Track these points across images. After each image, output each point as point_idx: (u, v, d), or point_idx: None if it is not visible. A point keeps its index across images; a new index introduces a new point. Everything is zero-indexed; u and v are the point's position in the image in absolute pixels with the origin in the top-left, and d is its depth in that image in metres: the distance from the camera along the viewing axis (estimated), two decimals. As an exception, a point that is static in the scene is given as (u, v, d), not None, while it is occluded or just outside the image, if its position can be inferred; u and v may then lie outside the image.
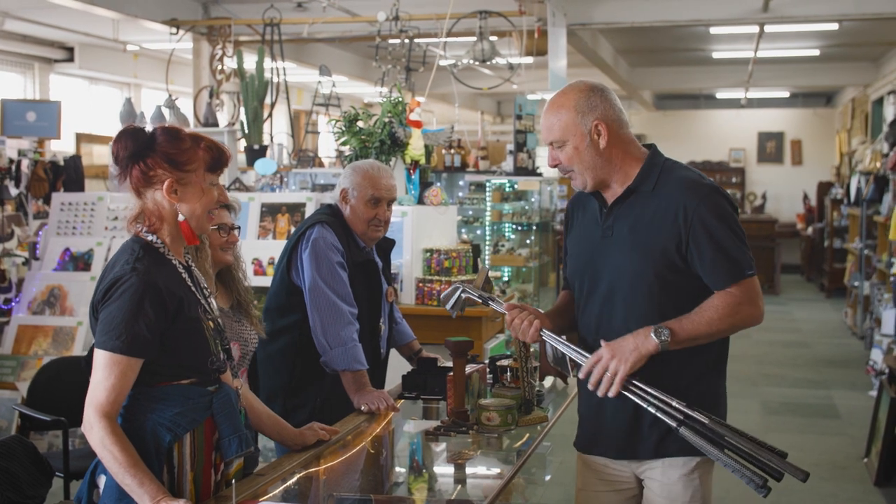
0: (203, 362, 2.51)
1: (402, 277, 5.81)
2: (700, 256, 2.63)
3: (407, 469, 3.17)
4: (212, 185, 2.54)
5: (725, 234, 2.62)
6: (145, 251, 2.47)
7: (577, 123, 2.69)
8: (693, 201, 2.63)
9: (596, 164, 2.72)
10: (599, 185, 2.77)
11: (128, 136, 2.49)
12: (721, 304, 2.61)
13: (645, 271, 2.67)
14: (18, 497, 3.24)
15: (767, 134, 19.62)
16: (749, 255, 2.64)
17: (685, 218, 2.62)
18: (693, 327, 2.60)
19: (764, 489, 2.47)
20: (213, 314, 2.60)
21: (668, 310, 2.65)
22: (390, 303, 3.94)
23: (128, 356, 2.36)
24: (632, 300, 2.69)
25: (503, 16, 8.26)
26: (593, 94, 2.72)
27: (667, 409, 2.57)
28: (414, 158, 5.86)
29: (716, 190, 2.67)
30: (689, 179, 2.70)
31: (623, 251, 2.71)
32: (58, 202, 6.70)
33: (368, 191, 3.70)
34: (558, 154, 2.75)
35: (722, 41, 12.84)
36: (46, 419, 4.24)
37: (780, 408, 7.91)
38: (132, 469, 2.31)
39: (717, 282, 2.63)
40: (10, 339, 6.32)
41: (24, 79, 12.39)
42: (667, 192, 2.68)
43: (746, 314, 2.63)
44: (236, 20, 9.31)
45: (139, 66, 13.33)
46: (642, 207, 2.70)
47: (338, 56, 12.68)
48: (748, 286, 2.62)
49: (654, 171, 2.73)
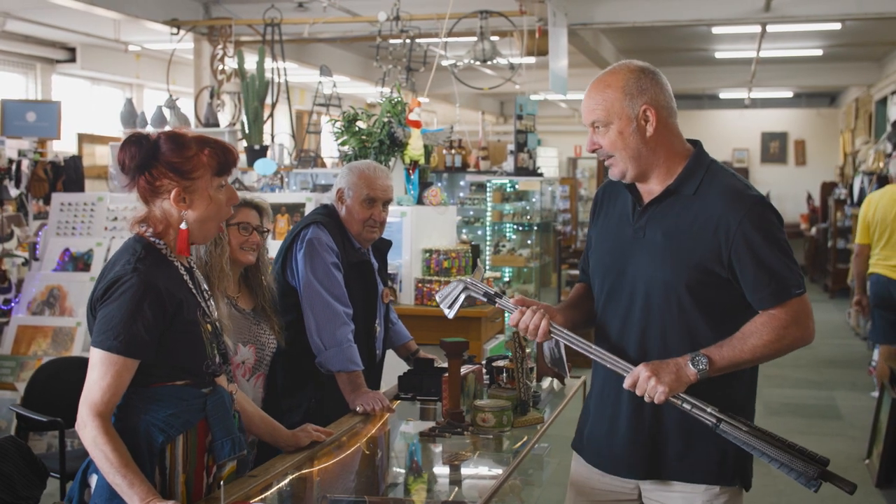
0: (198, 365, 2.50)
1: (401, 278, 5.80)
2: (742, 274, 2.43)
3: (401, 470, 3.16)
4: (221, 187, 2.53)
5: (770, 251, 2.42)
6: (147, 251, 2.47)
7: (624, 105, 2.46)
8: (737, 214, 2.42)
9: (640, 152, 2.49)
10: (639, 177, 2.55)
11: (132, 145, 2.48)
12: (765, 329, 2.40)
13: (676, 282, 2.47)
14: (12, 498, 3.23)
15: (771, 134, 19.60)
16: (797, 273, 2.44)
17: (727, 232, 2.42)
18: (734, 354, 2.41)
19: (816, 483, 2.32)
20: (211, 317, 2.59)
21: (697, 324, 2.47)
22: (386, 304, 3.92)
23: (125, 356, 2.36)
24: (658, 310, 2.50)
25: (504, 15, 8.25)
26: (644, 75, 2.50)
27: (701, 414, 2.40)
28: (413, 158, 5.85)
29: (761, 202, 2.46)
30: (734, 189, 2.48)
31: (654, 257, 2.50)
32: (57, 202, 6.70)
33: (364, 191, 3.68)
34: (599, 137, 2.52)
35: (724, 41, 12.82)
36: (43, 420, 4.23)
37: (781, 408, 7.89)
38: (123, 469, 2.30)
39: (761, 302, 2.43)
40: (9, 340, 6.32)
41: (27, 79, 12.40)
42: (709, 200, 2.46)
43: (794, 337, 2.43)
44: (237, 20, 9.31)
45: (141, 67, 13.34)
46: (680, 212, 2.49)
47: (340, 56, 12.68)
48: (795, 307, 2.42)
49: (697, 173, 2.51)
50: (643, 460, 2.56)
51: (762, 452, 2.36)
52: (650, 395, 2.39)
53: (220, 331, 2.63)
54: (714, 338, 2.45)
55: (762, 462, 2.48)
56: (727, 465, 2.53)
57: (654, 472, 2.56)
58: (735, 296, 2.47)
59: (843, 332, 11.80)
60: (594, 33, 10.84)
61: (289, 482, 2.76)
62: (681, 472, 2.54)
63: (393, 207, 5.79)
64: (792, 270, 2.43)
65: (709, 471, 2.51)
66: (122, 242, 2.60)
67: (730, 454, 2.51)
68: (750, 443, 2.37)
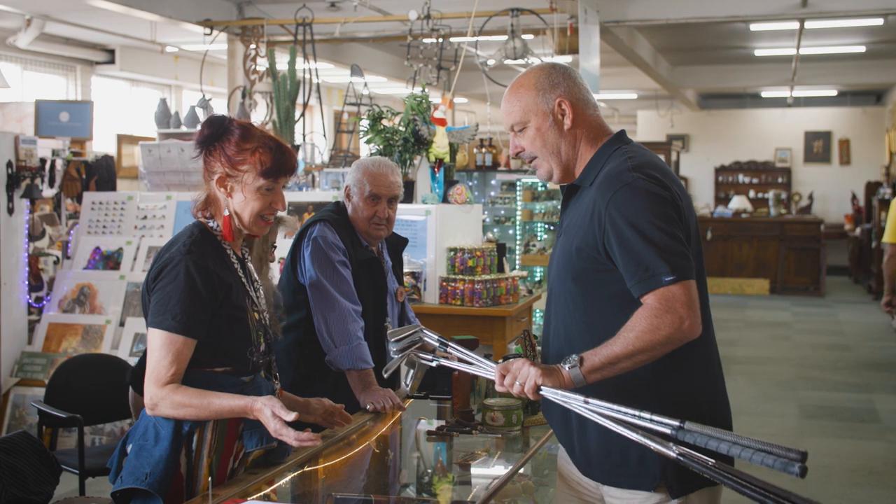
0: (243, 351, 2.56)
1: (425, 277, 5.77)
2: (616, 262, 2.29)
3: (409, 469, 3.13)
4: (267, 190, 2.57)
5: (635, 236, 2.24)
6: (203, 235, 2.56)
7: (538, 102, 2.43)
8: (604, 198, 2.30)
9: (560, 147, 2.45)
10: (566, 175, 2.50)
11: (208, 124, 2.60)
12: (638, 320, 2.22)
13: (565, 275, 2.41)
14: (24, 493, 3.25)
15: (814, 133, 19.27)
16: (671, 260, 2.22)
17: (599, 217, 2.31)
18: (607, 350, 2.23)
19: (798, 465, 1.91)
20: (259, 307, 2.65)
21: (595, 317, 2.36)
22: (401, 303, 3.90)
23: (183, 336, 2.43)
24: (558, 306, 2.46)
25: (534, 13, 8.18)
26: (555, 71, 2.46)
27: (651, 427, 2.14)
28: (438, 156, 5.82)
29: (631, 183, 2.29)
30: (608, 173, 2.36)
31: (556, 253, 2.49)
32: (89, 202, 6.78)
33: (367, 187, 3.66)
34: (520, 140, 2.48)
35: (763, 38, 12.64)
36: (62, 416, 4.26)
37: (818, 412, 7.73)
38: (216, 401, 2.43)
39: (633, 290, 2.26)
40: (40, 337, 6.40)
41: (67, 81, 12.58)
42: (594, 188, 2.38)
43: (670, 328, 2.20)
44: (269, 20, 9.35)
45: (180, 68, 13.48)
46: (579, 205, 2.43)
47: (375, 56, 12.70)
48: (667, 294, 2.20)
49: (598, 164, 2.43)
50: (579, 460, 2.49)
51: (727, 443, 2.02)
52: (521, 381, 2.28)
53: (268, 322, 2.68)
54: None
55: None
56: (645, 469, 2.35)
57: (593, 474, 2.48)
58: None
59: (885, 334, 11.56)
60: (629, 31, 10.74)
61: (294, 479, 2.74)
62: (606, 475, 2.44)
63: (417, 206, 5.77)
64: (661, 258, 2.22)
65: (629, 474, 2.38)
66: (150, 242, 2.67)
67: (647, 457, 2.32)
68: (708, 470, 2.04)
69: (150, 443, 2.48)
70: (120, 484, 2.50)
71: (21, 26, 10.69)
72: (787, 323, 12.40)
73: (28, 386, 6.17)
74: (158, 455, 2.46)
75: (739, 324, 12.24)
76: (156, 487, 2.44)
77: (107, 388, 4.63)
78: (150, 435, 2.49)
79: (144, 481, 2.44)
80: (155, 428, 2.49)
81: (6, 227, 6.24)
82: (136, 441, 2.52)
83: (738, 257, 15.68)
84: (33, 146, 6.41)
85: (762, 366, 9.45)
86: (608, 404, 2.20)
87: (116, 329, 6.27)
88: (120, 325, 6.26)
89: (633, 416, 2.16)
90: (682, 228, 2.31)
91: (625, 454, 2.37)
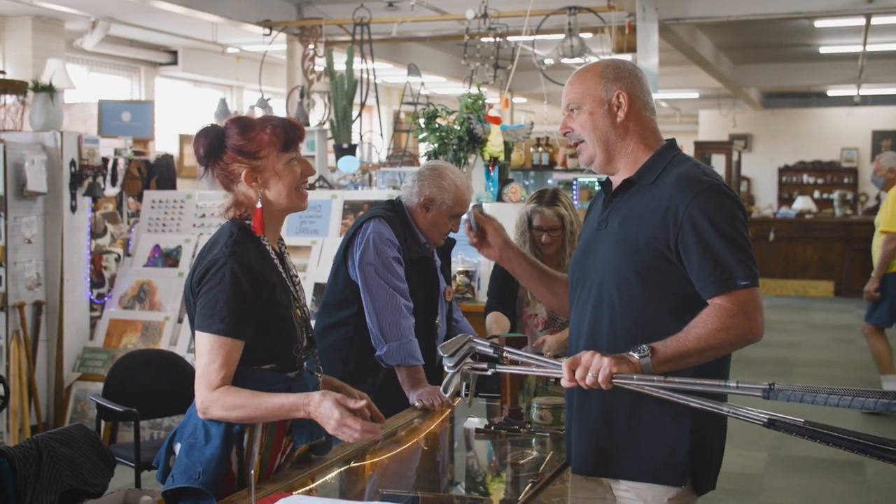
0: (288, 349, 2.55)
1: (479, 276, 5.76)
2: (688, 260, 2.35)
3: (457, 467, 3.12)
4: (292, 161, 2.56)
5: (717, 238, 2.32)
6: (243, 234, 2.54)
7: (598, 89, 2.49)
8: (685, 198, 2.35)
9: (609, 136, 2.50)
10: (608, 164, 2.54)
11: (202, 136, 2.56)
12: (710, 318, 2.29)
13: (625, 268, 2.42)
14: (79, 484, 3.31)
15: (882, 132, 18.80)
16: (747, 264, 2.31)
17: (675, 215, 2.36)
18: (678, 344, 2.29)
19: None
20: (300, 303, 2.64)
21: (650, 313, 2.40)
22: (449, 302, 3.89)
23: (232, 338, 2.42)
24: (608, 298, 2.46)
25: (592, 11, 8.13)
26: (623, 66, 2.54)
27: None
28: (493, 155, 5.82)
29: (714, 187, 2.37)
30: (687, 174, 2.42)
31: (609, 245, 2.48)
32: (149, 200, 6.90)
33: (455, 208, 3.63)
34: (571, 121, 2.53)
35: (828, 35, 12.39)
36: (119, 410, 4.33)
37: (881, 414, 7.56)
38: (267, 401, 2.42)
39: (705, 290, 2.33)
40: (101, 333, 6.53)
41: (131, 82, 12.82)
42: (664, 187, 2.42)
43: (742, 329, 2.29)
44: (327, 20, 9.42)
45: (241, 69, 13.65)
46: (638, 201, 2.47)
47: (434, 56, 12.72)
48: (741, 297, 2.29)
49: (659, 164, 2.48)
50: (588, 457, 2.51)
51: (823, 394, 2.04)
52: (594, 372, 2.25)
53: (308, 317, 2.67)
54: (672, 332, 2.33)
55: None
56: (675, 464, 2.40)
57: (601, 469, 2.50)
58: (691, 287, 2.37)
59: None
60: (690, 29, 10.60)
61: (341, 475, 2.75)
62: (626, 469, 2.46)
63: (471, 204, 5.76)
64: (739, 261, 2.31)
65: (654, 469, 2.40)
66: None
67: (679, 452, 2.39)
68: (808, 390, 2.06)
69: (200, 441, 2.47)
70: (172, 483, 2.48)
71: (87, 29, 10.93)
72: (851, 326, 12.12)
73: (90, 380, 6.31)
74: (210, 454, 2.45)
75: (802, 326, 12.03)
76: (209, 486, 2.43)
77: (164, 383, 4.69)
78: (199, 433, 2.48)
79: (197, 480, 2.43)
80: (205, 426, 2.48)
81: (69, 224, 6.38)
82: (185, 440, 2.51)
83: (802, 259, 15.39)
84: (96, 145, 6.55)
85: (825, 368, 9.27)
86: (690, 379, 2.22)
87: (174, 325, 6.37)
88: (178, 322, 6.36)
89: (719, 387, 2.19)
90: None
91: (654, 447, 2.41)
